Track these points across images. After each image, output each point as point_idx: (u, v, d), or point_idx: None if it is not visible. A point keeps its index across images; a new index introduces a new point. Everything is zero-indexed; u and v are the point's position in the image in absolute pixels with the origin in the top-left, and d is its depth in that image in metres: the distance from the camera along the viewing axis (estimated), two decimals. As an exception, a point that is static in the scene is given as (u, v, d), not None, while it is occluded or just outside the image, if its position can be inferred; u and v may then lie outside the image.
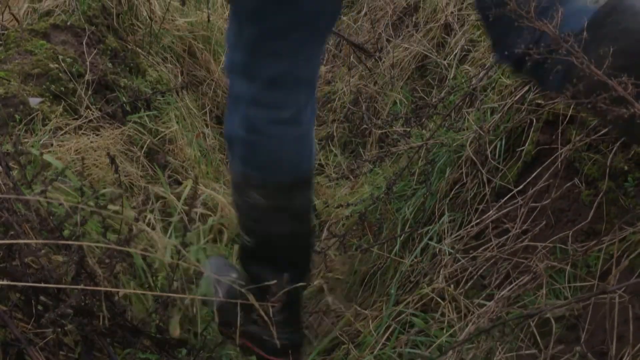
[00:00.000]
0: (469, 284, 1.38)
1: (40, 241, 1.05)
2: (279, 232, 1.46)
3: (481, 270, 1.37)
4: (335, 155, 2.76)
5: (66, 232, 1.35)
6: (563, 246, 1.30)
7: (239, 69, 1.39)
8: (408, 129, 2.13)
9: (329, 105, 2.99)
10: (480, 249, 1.44)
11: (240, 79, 1.39)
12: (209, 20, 2.79)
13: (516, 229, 1.37)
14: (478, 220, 1.49)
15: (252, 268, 1.50)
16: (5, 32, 2.31)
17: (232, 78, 1.42)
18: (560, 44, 1.03)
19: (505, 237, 1.39)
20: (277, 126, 1.39)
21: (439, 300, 1.38)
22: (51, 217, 1.11)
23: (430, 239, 1.61)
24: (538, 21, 1.06)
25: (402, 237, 1.72)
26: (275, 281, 1.20)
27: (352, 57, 2.97)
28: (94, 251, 1.26)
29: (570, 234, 1.29)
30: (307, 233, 1.52)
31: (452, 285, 1.38)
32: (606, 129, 1.49)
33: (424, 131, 2.06)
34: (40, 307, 1.08)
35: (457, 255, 1.46)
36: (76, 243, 1.01)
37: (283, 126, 1.40)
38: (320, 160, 2.73)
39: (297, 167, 1.45)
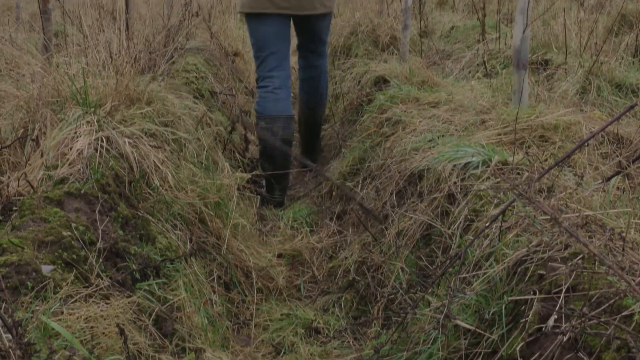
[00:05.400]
0: None
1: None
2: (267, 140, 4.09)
3: None
4: (338, 319, 2.85)
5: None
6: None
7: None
8: (416, 295, 2.23)
9: (332, 277, 3.14)
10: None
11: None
12: (219, 189, 2.97)
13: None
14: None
15: (262, 164, 4.16)
16: (21, 198, 2.46)
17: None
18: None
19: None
20: (267, 94, 4.17)
21: None
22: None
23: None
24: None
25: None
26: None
27: (356, 227, 3.13)
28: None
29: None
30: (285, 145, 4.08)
31: None
32: (609, 302, 1.60)
33: (430, 298, 2.16)
34: None
35: None
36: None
37: (270, 94, 4.15)
38: (320, 324, 2.82)
39: (277, 110, 4.12)
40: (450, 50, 5.99)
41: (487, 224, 2.03)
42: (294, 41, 4.70)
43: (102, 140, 2.73)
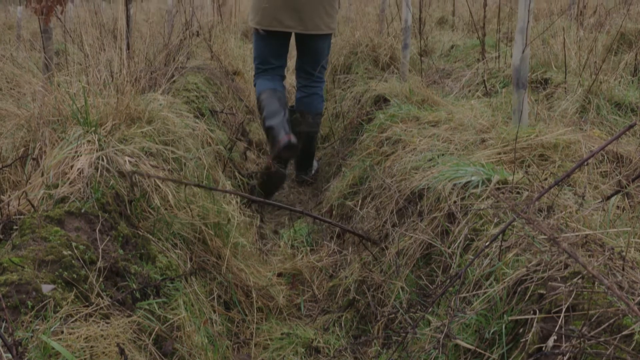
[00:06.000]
0: None
1: None
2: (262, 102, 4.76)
3: None
4: (338, 338, 2.85)
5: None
6: None
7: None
8: (416, 314, 2.24)
9: (332, 296, 3.15)
10: None
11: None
12: (220, 209, 2.98)
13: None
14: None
15: (266, 123, 4.61)
16: (22, 217, 2.47)
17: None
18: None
19: None
20: (265, 80, 4.89)
21: None
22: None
23: None
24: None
25: None
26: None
27: (356, 246, 3.14)
28: None
29: None
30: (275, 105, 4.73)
31: None
32: (609, 321, 1.61)
33: (431, 317, 2.17)
34: None
35: None
36: None
37: (268, 80, 4.87)
38: (320, 343, 2.83)
39: (273, 85, 4.80)
40: (450, 69, 6.03)
41: (487, 244, 2.04)
42: (292, 62, 5.21)
43: (102, 160, 2.75)
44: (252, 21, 4.88)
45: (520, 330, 1.79)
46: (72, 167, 2.70)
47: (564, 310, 1.69)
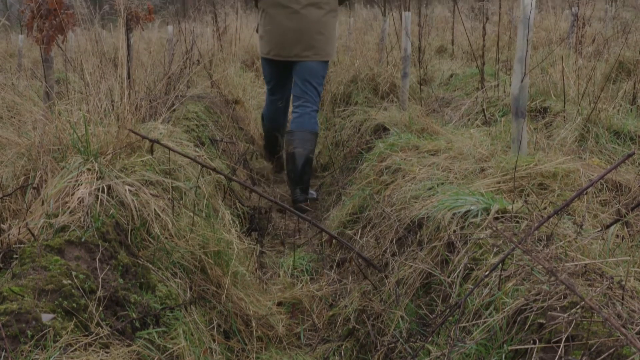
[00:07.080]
0: None
1: None
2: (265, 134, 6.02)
3: None
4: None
5: None
6: None
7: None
8: (416, 344, 2.24)
9: (332, 326, 3.15)
10: None
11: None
12: (220, 238, 3.00)
13: None
14: None
15: (266, 147, 6.16)
16: (22, 246, 2.48)
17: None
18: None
19: None
20: (271, 105, 5.78)
21: None
22: None
23: None
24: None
25: None
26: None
27: (356, 275, 3.14)
28: None
29: None
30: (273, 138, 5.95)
31: None
32: (608, 351, 1.62)
33: (430, 347, 2.18)
34: None
35: None
36: None
37: (272, 105, 5.74)
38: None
39: (276, 114, 5.78)
40: (450, 98, 6.08)
41: (486, 273, 2.05)
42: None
43: (102, 189, 2.77)
44: (259, 46, 5.48)
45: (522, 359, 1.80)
46: (72, 196, 2.72)
47: (563, 340, 1.70)
